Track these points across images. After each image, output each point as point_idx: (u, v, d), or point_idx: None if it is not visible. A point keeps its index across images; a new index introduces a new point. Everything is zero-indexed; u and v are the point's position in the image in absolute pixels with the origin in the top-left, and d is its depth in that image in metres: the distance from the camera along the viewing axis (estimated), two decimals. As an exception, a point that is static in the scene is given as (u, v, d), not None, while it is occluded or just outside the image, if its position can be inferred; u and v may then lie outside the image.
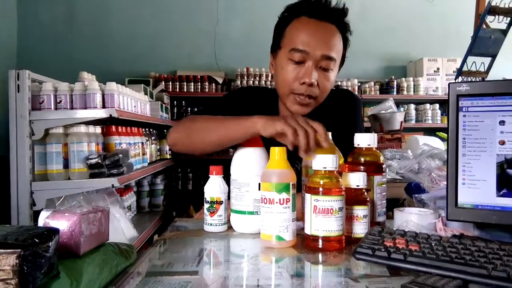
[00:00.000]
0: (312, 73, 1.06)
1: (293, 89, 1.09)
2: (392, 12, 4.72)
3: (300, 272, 0.68)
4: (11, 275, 0.45)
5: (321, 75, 1.08)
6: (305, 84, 1.06)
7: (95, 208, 0.66)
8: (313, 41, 1.05)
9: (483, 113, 0.77)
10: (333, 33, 1.08)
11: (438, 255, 0.65)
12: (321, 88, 1.09)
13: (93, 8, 4.51)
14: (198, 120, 1.15)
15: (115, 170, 1.85)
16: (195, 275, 0.66)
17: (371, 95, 4.42)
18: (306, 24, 1.07)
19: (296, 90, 1.08)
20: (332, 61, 1.07)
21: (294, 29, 1.08)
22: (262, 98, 1.25)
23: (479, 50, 2.81)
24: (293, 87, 1.08)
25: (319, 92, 1.09)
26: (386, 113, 3.00)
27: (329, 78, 1.09)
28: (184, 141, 1.16)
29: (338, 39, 1.09)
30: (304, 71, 1.06)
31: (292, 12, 1.11)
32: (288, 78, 1.08)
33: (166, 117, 3.41)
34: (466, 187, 0.78)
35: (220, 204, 0.94)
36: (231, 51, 4.54)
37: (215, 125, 1.05)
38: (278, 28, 1.13)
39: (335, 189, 0.78)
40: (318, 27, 1.07)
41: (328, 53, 1.06)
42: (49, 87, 1.84)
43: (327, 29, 1.08)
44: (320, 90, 1.09)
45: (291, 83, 1.08)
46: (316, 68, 1.07)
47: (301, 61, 1.06)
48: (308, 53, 1.05)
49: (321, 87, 1.09)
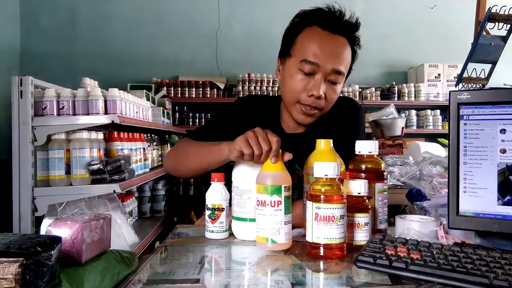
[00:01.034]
0: (321, 86, 1.06)
1: (300, 99, 1.09)
2: (393, 18, 4.74)
3: (301, 280, 0.68)
4: (14, 284, 0.45)
5: (329, 88, 1.08)
6: (313, 96, 1.07)
7: (97, 216, 0.66)
8: (325, 54, 1.05)
9: (484, 122, 0.78)
10: (344, 47, 1.08)
11: (439, 264, 0.65)
12: (328, 101, 1.10)
13: (95, 14, 4.54)
14: (181, 147, 1.22)
15: (116, 176, 1.85)
16: (196, 283, 0.66)
17: (372, 101, 4.43)
18: (319, 36, 1.06)
19: (303, 101, 1.09)
20: (341, 75, 1.08)
21: (306, 39, 1.07)
22: (263, 106, 1.26)
23: (479, 56, 2.81)
24: (300, 98, 1.09)
25: (325, 104, 1.10)
26: (387, 119, 3.00)
27: (336, 91, 1.10)
28: (173, 167, 1.24)
29: (348, 53, 1.09)
30: (313, 84, 1.06)
31: (304, 20, 1.10)
32: (296, 88, 1.08)
33: (168, 123, 3.42)
34: (467, 195, 0.79)
35: (221, 211, 0.95)
36: (232, 57, 4.56)
37: (194, 153, 1.12)
38: (289, 34, 1.13)
39: (336, 196, 0.78)
40: (331, 40, 1.06)
41: (338, 67, 1.06)
42: (52, 93, 1.85)
43: (339, 43, 1.07)
44: (327, 102, 1.10)
45: (299, 93, 1.08)
46: (325, 81, 1.07)
47: (311, 72, 1.06)
48: (319, 66, 1.05)
49: (328, 99, 1.09)
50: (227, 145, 0.95)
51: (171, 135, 3.43)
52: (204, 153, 1.07)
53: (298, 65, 1.07)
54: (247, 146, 0.87)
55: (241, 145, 0.87)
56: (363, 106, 4.51)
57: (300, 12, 1.13)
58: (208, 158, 1.05)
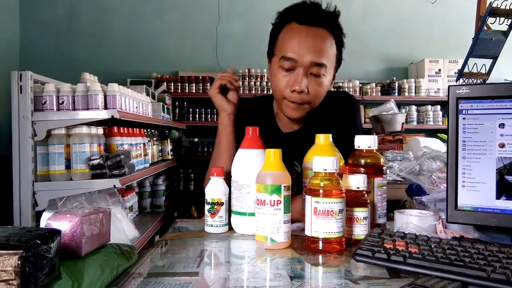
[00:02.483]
0: (302, 80, 1.06)
1: (285, 96, 1.10)
2: (393, 14, 4.72)
3: (300, 274, 0.68)
4: (13, 276, 0.45)
5: (312, 81, 1.08)
6: (295, 91, 1.07)
7: (97, 209, 0.66)
8: (302, 48, 1.05)
9: (482, 116, 0.78)
10: (323, 39, 1.07)
11: (437, 257, 0.65)
12: (313, 94, 1.09)
13: (95, 9, 4.53)
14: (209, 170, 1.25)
15: (117, 171, 1.85)
16: (195, 276, 0.67)
17: (373, 96, 4.43)
18: (296, 31, 1.06)
19: (288, 97, 1.10)
20: (323, 67, 1.07)
21: (284, 36, 1.09)
22: (257, 109, 1.28)
23: (480, 51, 2.80)
24: (284, 94, 1.10)
25: (311, 98, 1.10)
26: (387, 114, 3.00)
27: (321, 83, 1.09)
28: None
29: (329, 44, 1.08)
30: (294, 79, 1.07)
31: (283, 18, 1.11)
32: (279, 86, 1.10)
33: (168, 118, 3.42)
34: (466, 189, 0.79)
35: (221, 206, 0.95)
36: (232, 52, 4.55)
37: (215, 154, 1.21)
38: (272, 34, 1.14)
39: (335, 191, 0.78)
40: (308, 33, 1.06)
41: (317, 60, 1.05)
42: (51, 88, 1.85)
43: (317, 35, 1.06)
44: (312, 95, 1.09)
45: (283, 90, 1.10)
46: (307, 75, 1.07)
47: (291, 68, 1.07)
48: (297, 61, 1.06)
49: (313, 93, 1.09)
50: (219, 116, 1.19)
51: (171, 131, 3.43)
52: (216, 145, 1.20)
53: (279, 62, 1.09)
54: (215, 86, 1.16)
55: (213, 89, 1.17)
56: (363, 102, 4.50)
57: (280, 11, 1.13)
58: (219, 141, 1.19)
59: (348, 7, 4.69)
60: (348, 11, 4.69)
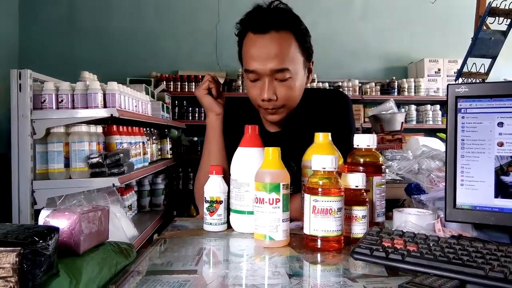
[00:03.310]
0: (266, 89, 1.06)
1: (259, 104, 1.12)
2: (393, 13, 4.72)
3: (298, 272, 0.68)
4: (11, 273, 0.45)
5: (279, 86, 1.07)
6: (264, 100, 1.08)
7: (95, 207, 0.66)
8: (260, 59, 1.04)
9: (481, 115, 0.78)
10: (279, 43, 1.03)
11: (436, 256, 0.65)
12: (284, 98, 1.08)
13: (94, 7, 4.52)
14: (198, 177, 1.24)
15: (116, 169, 1.85)
16: (194, 274, 0.67)
17: (372, 96, 4.43)
18: (252, 42, 1.06)
19: (261, 105, 1.11)
20: (286, 71, 1.05)
21: (245, 48, 1.09)
22: (244, 111, 1.27)
23: (479, 51, 2.81)
24: (258, 103, 1.11)
25: (283, 102, 1.09)
26: (386, 113, 3.00)
27: (290, 86, 1.07)
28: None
29: (286, 45, 1.04)
30: (260, 89, 1.07)
31: (242, 30, 1.11)
32: (251, 96, 1.12)
33: (167, 117, 3.41)
34: (464, 188, 0.79)
35: (219, 204, 0.95)
36: (232, 51, 4.49)
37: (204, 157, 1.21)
38: (238, 45, 1.15)
39: (334, 189, 0.78)
40: (263, 42, 1.04)
41: (277, 66, 1.04)
42: (51, 86, 1.85)
43: (271, 41, 1.03)
44: (283, 100, 1.08)
45: (255, 100, 1.11)
46: (272, 82, 1.06)
47: (257, 79, 1.07)
48: (259, 72, 1.05)
49: (283, 97, 1.08)
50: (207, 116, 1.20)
51: (170, 129, 3.43)
52: (205, 145, 1.21)
53: (245, 74, 1.11)
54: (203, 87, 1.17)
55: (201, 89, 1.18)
56: (363, 101, 4.51)
57: (237, 22, 1.13)
58: (208, 140, 1.20)
59: (348, 6, 4.69)
60: (348, 11, 4.70)
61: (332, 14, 4.65)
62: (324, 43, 4.51)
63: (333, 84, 4.43)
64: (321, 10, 4.60)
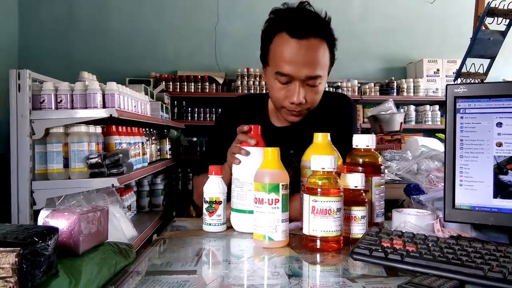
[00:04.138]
0: (300, 93, 1.06)
1: (284, 106, 1.12)
2: (392, 13, 4.72)
3: (297, 272, 0.68)
4: (11, 273, 0.45)
5: (309, 91, 1.08)
6: (294, 103, 1.08)
7: (94, 208, 0.67)
8: (296, 64, 1.04)
9: (480, 115, 0.78)
10: (316, 50, 1.05)
11: (435, 256, 0.65)
12: (311, 102, 1.10)
13: (93, 7, 4.52)
14: (196, 185, 1.25)
15: (115, 169, 1.85)
16: (193, 274, 0.67)
17: (371, 96, 4.43)
18: (288, 45, 1.04)
19: (287, 107, 1.11)
20: (318, 78, 1.07)
21: (277, 50, 1.07)
22: (250, 106, 1.28)
23: (478, 51, 2.81)
24: (283, 105, 1.11)
25: (309, 105, 1.11)
26: (386, 114, 3.00)
27: (318, 91, 1.10)
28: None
29: (322, 53, 1.06)
30: (291, 92, 1.07)
31: (273, 27, 1.09)
32: (278, 97, 1.11)
33: (166, 117, 3.41)
34: (463, 188, 0.79)
35: (219, 204, 0.95)
36: (231, 51, 4.54)
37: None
38: (263, 40, 1.13)
39: (333, 189, 0.78)
40: (301, 47, 1.03)
41: (312, 73, 1.05)
42: (50, 86, 1.85)
43: (309, 47, 1.04)
44: (310, 103, 1.11)
45: (281, 101, 1.11)
46: (303, 87, 1.07)
47: (288, 82, 1.07)
48: (293, 76, 1.05)
49: (310, 101, 1.10)
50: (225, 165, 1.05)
51: (169, 130, 3.43)
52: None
53: (274, 75, 1.08)
54: (233, 158, 0.95)
55: (230, 160, 0.97)
56: (362, 101, 4.51)
57: (269, 17, 1.10)
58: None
59: (347, 6, 4.69)
60: (347, 11, 4.70)
61: (331, 15, 4.65)
62: (323, 43, 4.51)
63: (332, 84, 4.43)
64: (320, 10, 4.60)
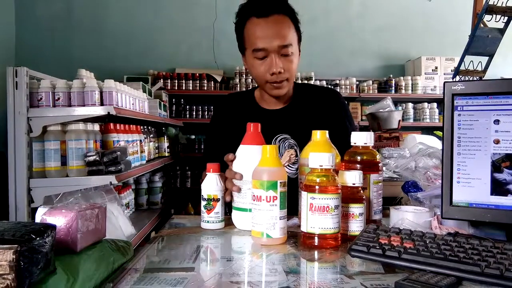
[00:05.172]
0: (277, 63, 1.20)
1: (267, 80, 1.24)
2: (390, 11, 4.72)
3: (295, 269, 0.68)
4: (8, 270, 0.45)
5: (284, 61, 1.22)
6: (274, 73, 1.21)
7: (92, 205, 0.66)
8: (267, 37, 1.19)
9: (478, 112, 0.78)
10: (281, 23, 1.21)
11: (432, 253, 0.66)
12: (288, 70, 1.23)
13: (91, 5, 4.50)
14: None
15: (113, 167, 1.85)
16: (191, 272, 0.67)
17: (369, 94, 4.43)
18: (257, 25, 1.21)
19: (269, 80, 1.24)
20: (289, 47, 1.21)
21: (249, 32, 1.23)
22: (238, 100, 1.43)
23: (476, 49, 2.81)
24: (266, 78, 1.24)
25: (288, 75, 1.24)
26: (384, 111, 3.00)
27: (292, 60, 1.23)
28: None
29: (287, 25, 1.22)
30: (270, 64, 1.21)
31: (242, 16, 1.25)
32: (260, 73, 1.24)
33: (164, 115, 3.41)
34: (461, 185, 0.79)
35: (217, 202, 0.95)
36: (229, 49, 4.50)
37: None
38: (238, 31, 1.28)
39: (331, 187, 0.78)
40: (267, 23, 1.20)
41: (283, 42, 1.20)
42: (47, 84, 1.84)
43: (275, 22, 1.20)
44: (288, 72, 1.24)
45: (264, 75, 1.24)
46: (279, 57, 1.21)
47: (265, 56, 1.22)
48: (267, 49, 1.20)
49: (288, 70, 1.23)
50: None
51: (168, 128, 3.42)
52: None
53: (252, 54, 1.23)
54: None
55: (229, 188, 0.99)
56: (360, 99, 4.52)
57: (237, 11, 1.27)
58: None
59: (346, 4, 4.69)
60: (346, 9, 4.70)
61: (330, 13, 4.65)
62: (322, 41, 4.51)
63: (330, 82, 4.43)
64: (319, 8, 4.60)
